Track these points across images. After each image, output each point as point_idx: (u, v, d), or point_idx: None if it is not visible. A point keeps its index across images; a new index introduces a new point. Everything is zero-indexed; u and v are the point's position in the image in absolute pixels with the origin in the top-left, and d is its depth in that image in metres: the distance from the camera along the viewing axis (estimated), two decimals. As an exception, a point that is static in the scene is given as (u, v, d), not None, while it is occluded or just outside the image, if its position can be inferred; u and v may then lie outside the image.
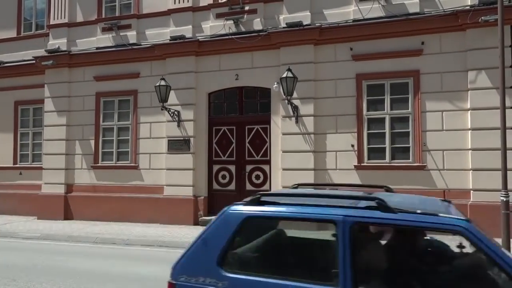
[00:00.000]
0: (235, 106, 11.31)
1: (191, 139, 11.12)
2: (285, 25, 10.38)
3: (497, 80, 7.99)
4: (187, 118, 11.18)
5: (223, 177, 11.28)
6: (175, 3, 11.54)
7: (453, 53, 9.32)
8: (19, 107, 13.69)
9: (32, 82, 13.27)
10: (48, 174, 12.46)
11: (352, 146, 9.88)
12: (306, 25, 10.22)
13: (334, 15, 10.20)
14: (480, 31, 9.01)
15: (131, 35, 11.97)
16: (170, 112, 11.09)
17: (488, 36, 8.89)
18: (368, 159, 9.84)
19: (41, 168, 12.70)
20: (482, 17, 8.78)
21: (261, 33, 10.53)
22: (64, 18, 12.71)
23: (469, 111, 9.10)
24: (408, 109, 9.62)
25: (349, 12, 10.12)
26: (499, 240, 7.79)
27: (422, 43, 9.51)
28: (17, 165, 13.53)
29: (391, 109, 9.76)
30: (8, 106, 13.72)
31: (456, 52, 9.29)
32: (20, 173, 13.40)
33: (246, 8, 10.93)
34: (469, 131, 9.06)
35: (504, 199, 7.29)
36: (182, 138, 11.18)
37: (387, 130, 9.73)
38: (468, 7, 9.10)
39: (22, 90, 13.52)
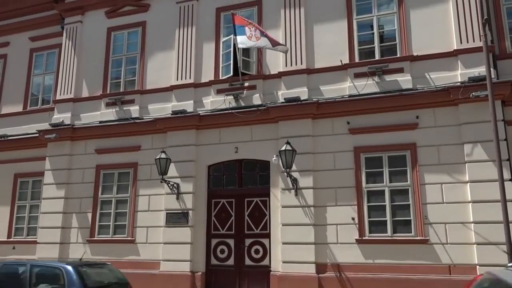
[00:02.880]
0: (235, 178, 11.32)
1: (190, 212, 10.99)
2: (283, 100, 10.72)
3: (493, 153, 8.10)
4: (187, 190, 11.15)
5: (222, 251, 10.98)
6: (177, 80, 12.02)
7: (448, 126, 9.52)
8: (19, 179, 13.68)
9: (33, 155, 13.39)
10: (42, 249, 12.11)
11: (353, 219, 9.74)
12: (304, 100, 10.57)
13: (330, 91, 10.57)
14: (472, 105, 9.28)
15: (134, 110, 12.32)
16: (169, 185, 11.08)
17: (480, 111, 9.12)
18: (370, 232, 9.65)
19: (35, 242, 12.39)
20: (473, 93, 9.08)
21: (260, 108, 10.84)
22: (70, 93, 13.16)
23: (468, 184, 9.09)
24: (407, 181, 9.62)
25: (345, 88, 10.50)
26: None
27: (417, 117, 9.75)
28: (11, 239, 13.21)
29: (390, 181, 9.77)
30: (8, 179, 13.71)
31: (450, 126, 9.49)
32: (14, 248, 13.05)
33: (246, 84, 11.37)
34: (470, 204, 9.00)
35: None
36: (180, 211, 11.05)
37: (387, 202, 9.66)
38: (459, 83, 9.45)
39: (22, 162, 13.60)
